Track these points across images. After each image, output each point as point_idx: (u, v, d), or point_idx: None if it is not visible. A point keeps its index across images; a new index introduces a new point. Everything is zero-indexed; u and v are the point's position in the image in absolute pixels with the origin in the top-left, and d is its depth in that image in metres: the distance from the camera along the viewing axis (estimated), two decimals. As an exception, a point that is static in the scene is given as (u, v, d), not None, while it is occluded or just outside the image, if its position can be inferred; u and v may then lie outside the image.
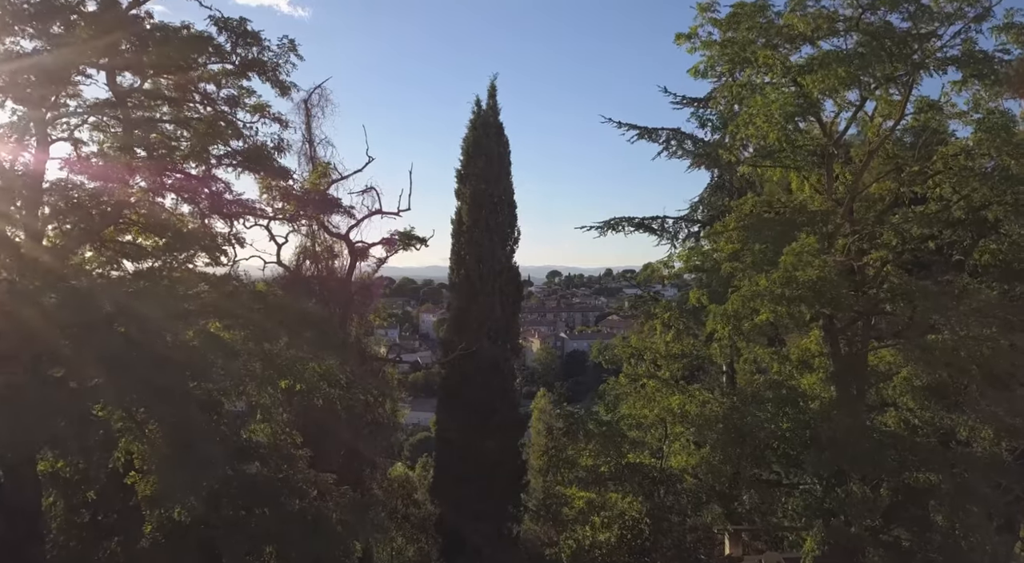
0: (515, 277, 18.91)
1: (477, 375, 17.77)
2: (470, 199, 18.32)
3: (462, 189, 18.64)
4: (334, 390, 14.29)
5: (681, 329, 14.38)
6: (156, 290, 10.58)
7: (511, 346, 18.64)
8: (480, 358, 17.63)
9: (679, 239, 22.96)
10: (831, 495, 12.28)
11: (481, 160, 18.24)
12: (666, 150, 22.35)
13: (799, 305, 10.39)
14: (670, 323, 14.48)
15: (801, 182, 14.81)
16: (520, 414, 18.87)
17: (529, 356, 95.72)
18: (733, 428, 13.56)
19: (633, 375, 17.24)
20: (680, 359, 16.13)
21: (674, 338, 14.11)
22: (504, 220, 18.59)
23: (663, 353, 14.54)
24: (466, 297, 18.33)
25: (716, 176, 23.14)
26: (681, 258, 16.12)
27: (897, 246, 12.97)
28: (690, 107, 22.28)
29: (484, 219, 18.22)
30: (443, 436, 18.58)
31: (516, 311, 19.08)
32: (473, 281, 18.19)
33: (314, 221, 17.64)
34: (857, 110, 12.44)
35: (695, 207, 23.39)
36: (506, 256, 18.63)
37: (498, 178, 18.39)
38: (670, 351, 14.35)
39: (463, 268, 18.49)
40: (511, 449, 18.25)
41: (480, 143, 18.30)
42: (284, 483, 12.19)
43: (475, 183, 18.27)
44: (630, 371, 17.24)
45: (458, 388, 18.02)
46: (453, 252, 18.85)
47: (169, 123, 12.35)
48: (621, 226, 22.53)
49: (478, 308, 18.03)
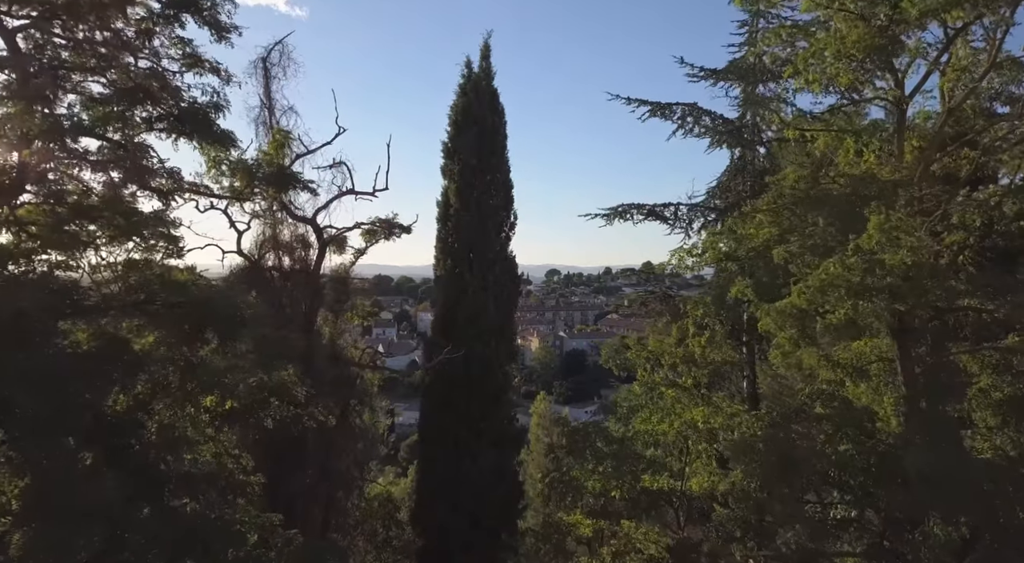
0: (511, 269, 16.27)
1: (466, 383, 15.18)
2: (459, 177, 15.68)
3: (449, 165, 16.00)
4: (286, 407, 11.72)
5: (717, 330, 11.74)
6: (33, 280, 7.99)
7: (507, 349, 16.01)
8: (470, 363, 15.04)
9: (694, 228, 20.33)
10: (903, 537, 9.73)
11: (472, 131, 15.59)
12: (681, 128, 19.74)
13: (885, 298, 7.78)
14: (704, 323, 11.84)
15: (857, 151, 12.22)
16: (516, 429, 16.26)
17: (528, 355, 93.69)
18: (776, 452, 10.96)
19: (649, 383, 14.66)
20: (708, 364, 13.53)
21: (709, 342, 11.45)
22: (499, 202, 15.97)
23: (697, 358, 11.88)
24: (454, 292, 15.72)
25: (737, 157, 20.53)
26: (708, 245, 13.52)
27: (980, 228, 10.39)
28: (708, 80, 19.70)
29: (475, 200, 15.61)
30: (427, 454, 15.97)
31: (512, 308, 16.46)
32: (462, 273, 15.58)
33: (274, 202, 15.01)
34: (941, 52, 9.79)
35: (712, 193, 20.75)
36: (501, 244, 16.01)
37: (492, 152, 15.75)
38: (705, 356, 11.70)
39: (450, 258, 15.88)
40: (506, 469, 15.64)
41: (470, 111, 15.66)
42: (218, 529, 9.55)
43: (465, 158, 15.64)
44: (645, 378, 14.65)
45: (444, 399, 15.42)
46: (439, 239, 16.22)
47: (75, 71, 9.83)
48: (629, 214, 19.91)
49: (468, 305, 15.42)
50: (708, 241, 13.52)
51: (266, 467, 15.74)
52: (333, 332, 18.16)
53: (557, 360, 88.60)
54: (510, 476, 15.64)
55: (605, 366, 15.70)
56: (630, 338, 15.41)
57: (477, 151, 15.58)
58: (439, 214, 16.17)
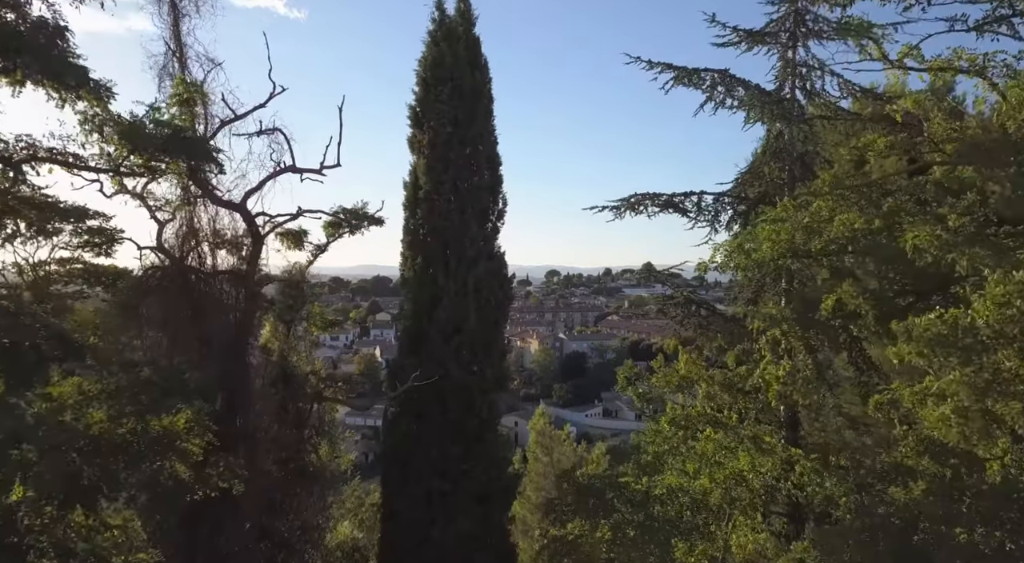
0: (499, 268, 12.57)
1: (441, 418, 11.54)
2: (430, 150, 12.00)
3: (418, 136, 12.32)
4: (168, 465, 8.20)
5: (807, 363, 7.99)
6: None
7: (495, 372, 12.32)
8: (445, 393, 11.40)
9: (721, 222, 16.58)
10: None
11: (446, 89, 11.92)
12: (711, 100, 15.98)
13: None
14: (784, 349, 8.09)
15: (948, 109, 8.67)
16: (507, 477, 12.41)
17: (527, 358, 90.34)
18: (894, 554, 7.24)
19: (682, 421, 11.02)
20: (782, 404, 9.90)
21: (792, 380, 7.65)
22: (482, 182, 12.29)
23: (772, 389, 7.99)
24: (425, 299, 12.05)
25: (774, 137, 16.79)
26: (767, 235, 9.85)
27: None
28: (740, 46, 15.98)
29: (451, 180, 11.95)
30: (392, 509, 12.26)
31: (502, 318, 12.75)
32: (436, 274, 11.93)
33: (185, 180, 11.36)
34: None
35: (742, 180, 17.00)
36: (486, 237, 12.34)
37: (472, 118, 12.07)
38: (787, 392, 7.83)
39: (420, 255, 12.21)
40: (493, 531, 11.93)
41: (444, 64, 11.97)
42: None
43: (437, 126, 11.96)
44: (677, 416, 11.01)
45: (412, 438, 11.78)
46: (406, 231, 12.53)
47: None
48: (643, 206, 16.12)
49: (443, 315, 11.78)
50: (766, 231, 9.85)
51: (181, 532, 12.19)
52: (284, 348, 14.54)
53: (557, 362, 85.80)
54: (499, 539, 11.94)
55: (623, 393, 12.03)
56: (655, 361, 11.78)
57: (452, 117, 11.90)
58: (406, 199, 12.48)
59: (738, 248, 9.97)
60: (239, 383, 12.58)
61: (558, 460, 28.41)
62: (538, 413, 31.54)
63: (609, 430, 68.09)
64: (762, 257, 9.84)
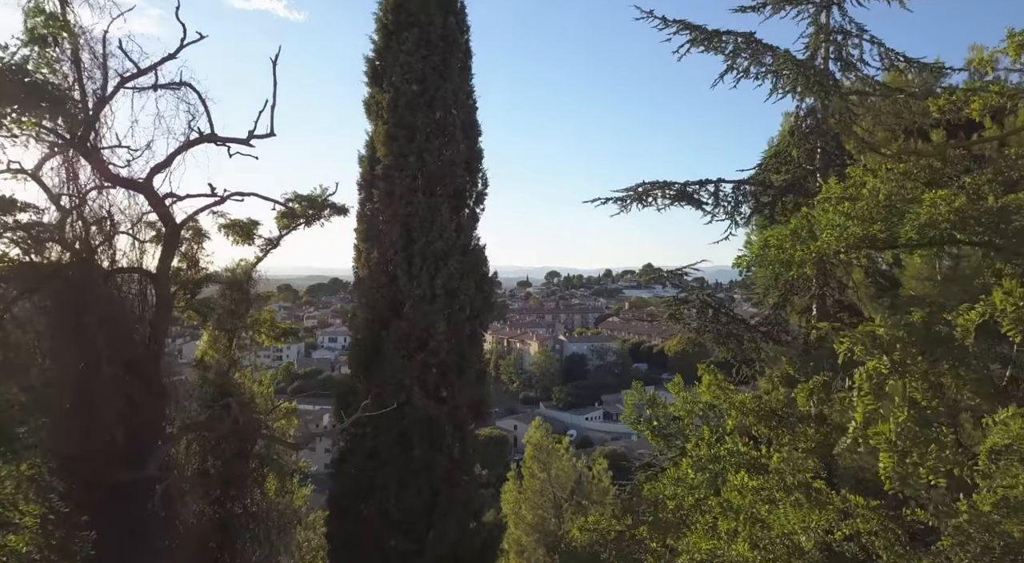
0: (477, 265, 9.88)
1: (400, 459, 8.90)
2: (390, 113, 9.35)
3: (376, 96, 9.66)
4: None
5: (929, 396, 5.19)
6: None
7: (471, 394, 9.64)
8: (407, 425, 8.77)
9: (741, 213, 13.86)
10: None
11: (411, 38, 9.26)
12: (732, 68, 13.25)
13: None
14: (899, 379, 5.29)
15: None
16: (484, 533, 9.61)
17: (527, 360, 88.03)
18: None
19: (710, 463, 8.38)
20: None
21: (902, 431, 4.87)
22: (457, 156, 9.62)
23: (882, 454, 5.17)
24: (382, 304, 9.39)
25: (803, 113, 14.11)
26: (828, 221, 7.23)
27: None
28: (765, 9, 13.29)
29: (417, 153, 9.30)
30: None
31: (480, 329, 10.05)
32: (395, 274, 9.27)
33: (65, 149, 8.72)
34: None
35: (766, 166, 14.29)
36: (460, 226, 9.67)
37: (444, 75, 9.41)
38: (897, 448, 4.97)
39: (376, 249, 9.55)
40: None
41: (407, 7, 9.33)
42: None
43: (400, 82, 9.31)
44: (703, 456, 8.36)
45: (364, 485, 9.12)
46: (360, 218, 9.87)
47: None
48: (652, 196, 13.40)
49: (405, 325, 9.13)
50: (832, 211, 7.18)
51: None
52: (225, 362, 11.94)
53: (557, 365, 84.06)
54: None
55: (630, 426, 9.37)
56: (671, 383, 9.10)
57: (419, 72, 9.25)
58: (361, 177, 9.84)
59: (794, 234, 7.33)
60: (146, 408, 9.92)
61: (556, 476, 25.66)
62: (534, 425, 28.81)
63: (610, 434, 66.16)
64: (824, 248, 7.21)
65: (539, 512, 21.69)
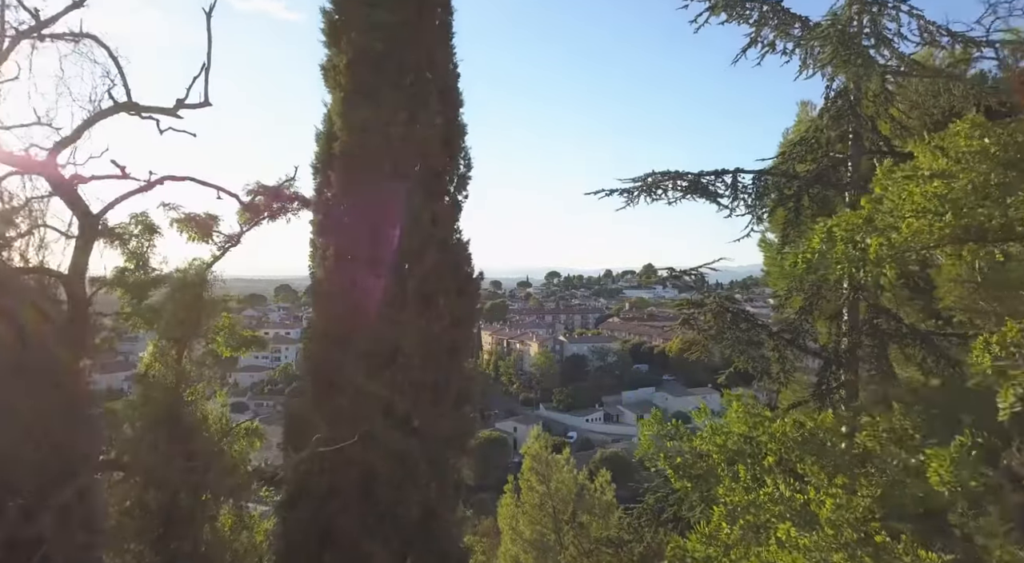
0: (458, 264, 8.11)
1: (362, 503, 7.17)
2: (347, 78, 7.62)
3: (334, 58, 7.91)
4: None
5: None
6: None
7: (458, 426, 7.86)
8: (371, 461, 7.05)
9: (762, 205, 12.00)
10: None
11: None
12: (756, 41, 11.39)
13: None
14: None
15: None
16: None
17: (527, 361, 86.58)
18: None
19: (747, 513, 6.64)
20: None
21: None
22: (432, 131, 7.88)
23: None
24: (341, 311, 7.67)
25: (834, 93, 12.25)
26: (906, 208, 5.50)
27: None
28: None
29: (382, 126, 7.56)
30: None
31: (462, 339, 8.27)
32: (355, 274, 7.54)
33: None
34: None
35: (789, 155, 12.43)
36: (437, 215, 7.93)
37: (417, 31, 7.69)
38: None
39: (333, 244, 7.81)
40: None
41: (371, -54, 7.59)
42: None
43: (362, 40, 7.58)
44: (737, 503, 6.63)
45: (317, 535, 7.38)
46: (317, 207, 8.14)
47: None
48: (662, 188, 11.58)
49: (367, 338, 7.40)
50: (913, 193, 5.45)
51: None
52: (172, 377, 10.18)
53: (557, 366, 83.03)
54: None
55: (647, 464, 7.62)
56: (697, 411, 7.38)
57: (386, 27, 7.53)
58: (316, 157, 8.10)
59: (866, 224, 5.60)
60: (64, 437, 8.14)
61: (556, 489, 23.84)
62: (533, 435, 27.05)
63: (610, 436, 65.10)
64: (913, 242, 5.46)
65: (537, 527, 20.02)
